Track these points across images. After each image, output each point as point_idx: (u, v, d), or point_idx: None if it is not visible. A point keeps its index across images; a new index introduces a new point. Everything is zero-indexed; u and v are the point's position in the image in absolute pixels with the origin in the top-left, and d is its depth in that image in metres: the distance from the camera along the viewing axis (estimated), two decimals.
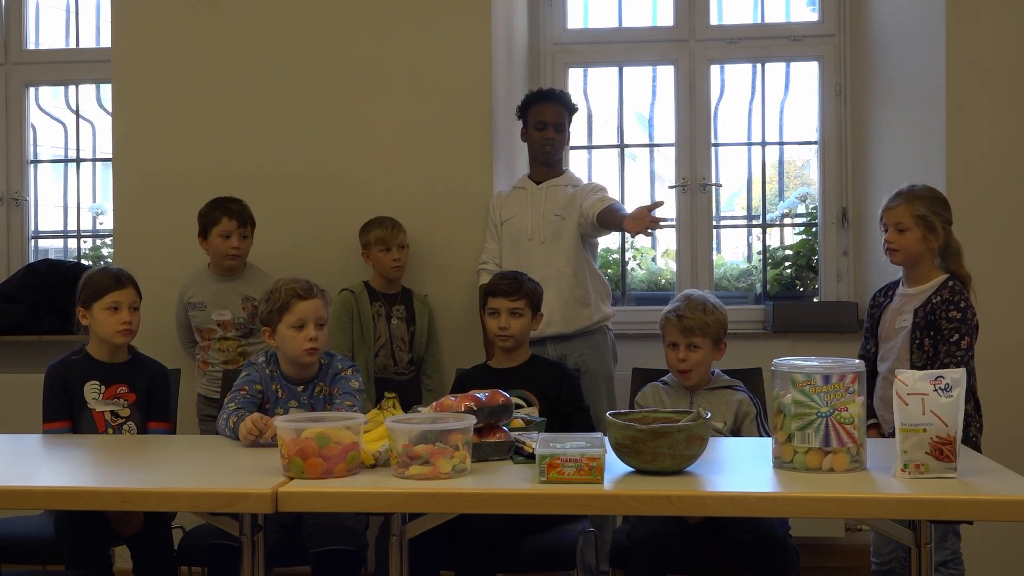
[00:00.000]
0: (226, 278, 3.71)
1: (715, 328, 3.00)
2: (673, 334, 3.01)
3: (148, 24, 4.08)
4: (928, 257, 2.98)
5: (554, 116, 3.76)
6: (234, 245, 3.64)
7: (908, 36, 4.04)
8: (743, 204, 4.77)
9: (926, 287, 2.96)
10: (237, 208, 3.66)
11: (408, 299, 3.81)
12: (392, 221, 3.75)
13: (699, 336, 2.98)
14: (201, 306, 3.69)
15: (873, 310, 3.11)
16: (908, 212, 2.95)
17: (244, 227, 3.66)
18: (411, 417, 2.37)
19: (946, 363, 2.81)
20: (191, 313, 3.72)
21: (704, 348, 2.99)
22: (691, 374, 3.00)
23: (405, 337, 3.75)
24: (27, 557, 2.99)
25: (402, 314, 3.76)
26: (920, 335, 2.90)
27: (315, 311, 2.84)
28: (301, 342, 2.81)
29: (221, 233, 3.63)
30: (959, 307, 2.87)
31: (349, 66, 3.99)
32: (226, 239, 3.63)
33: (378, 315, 3.73)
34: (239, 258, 3.68)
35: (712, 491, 2.10)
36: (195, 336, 3.74)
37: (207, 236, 3.66)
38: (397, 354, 3.73)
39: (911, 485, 2.07)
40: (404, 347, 3.75)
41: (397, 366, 3.73)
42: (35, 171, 4.83)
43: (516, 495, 2.11)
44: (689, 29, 4.45)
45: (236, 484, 2.20)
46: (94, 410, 2.96)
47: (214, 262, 3.72)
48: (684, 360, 2.99)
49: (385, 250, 3.72)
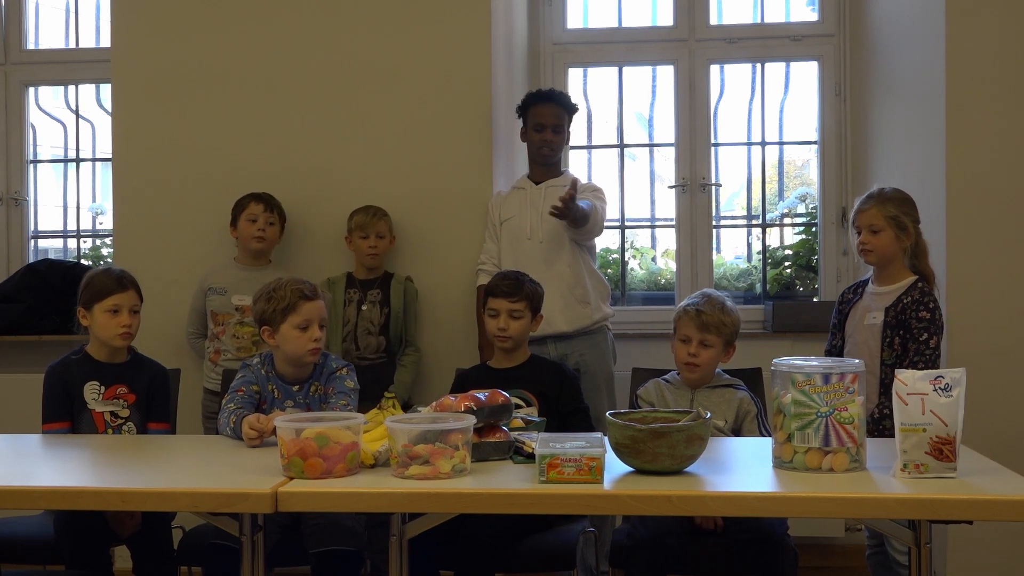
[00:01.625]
0: (251, 267, 3.77)
1: (730, 329, 3.01)
2: (688, 328, 3.01)
3: (148, 24, 4.07)
4: (899, 257, 3.08)
5: (552, 118, 3.76)
6: (260, 227, 3.74)
7: (908, 36, 4.04)
8: (743, 204, 4.77)
9: (896, 287, 3.06)
10: (266, 196, 3.79)
11: (386, 283, 3.80)
12: (375, 209, 3.78)
13: (714, 334, 2.98)
14: (221, 291, 3.74)
15: (842, 306, 3.20)
16: (880, 214, 3.05)
17: (271, 212, 3.77)
18: (411, 417, 2.37)
19: (915, 361, 2.93)
20: (210, 298, 3.75)
21: (715, 347, 3.00)
22: (696, 370, 3.00)
23: (377, 320, 3.73)
24: (27, 557, 2.99)
25: (376, 298, 3.75)
26: (891, 333, 3.00)
27: (319, 312, 2.86)
28: (306, 343, 2.82)
29: (248, 217, 3.75)
30: (928, 307, 2.99)
31: (349, 66, 3.99)
32: (253, 222, 3.75)
33: (349, 301, 3.74)
34: (264, 241, 3.76)
35: (712, 491, 2.09)
36: (209, 323, 3.75)
37: (236, 224, 3.77)
38: (361, 339, 3.71)
39: (911, 485, 2.07)
40: (374, 330, 3.72)
41: (360, 351, 3.70)
42: (35, 171, 4.83)
43: (516, 495, 2.11)
44: (689, 29, 4.45)
45: (236, 484, 2.19)
46: (94, 411, 2.96)
47: (241, 248, 3.81)
48: (695, 355, 2.99)
49: (363, 236, 3.74)
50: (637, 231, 4.73)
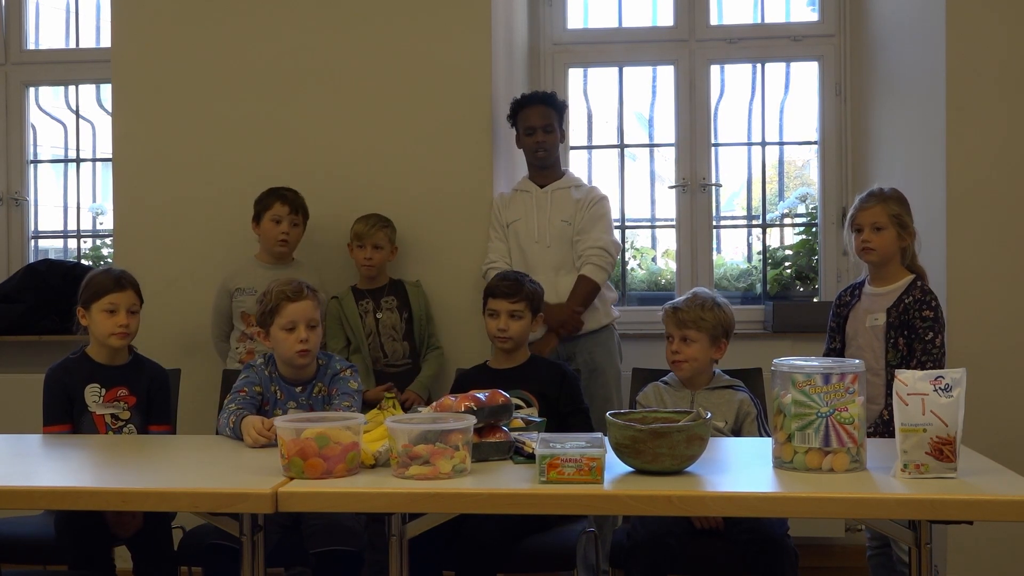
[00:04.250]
0: (275, 266, 3.73)
1: (711, 324, 2.99)
2: (668, 326, 3.03)
3: (148, 24, 4.07)
4: (897, 257, 3.08)
5: (540, 118, 3.75)
6: (284, 231, 3.69)
7: (908, 36, 4.04)
8: (743, 204, 4.77)
9: (895, 287, 3.05)
10: (291, 196, 3.73)
11: (398, 288, 3.78)
12: (375, 218, 3.73)
13: (692, 329, 2.98)
14: (251, 291, 3.67)
15: (840, 308, 3.18)
16: (884, 212, 3.05)
17: (295, 214, 3.72)
18: (411, 417, 2.37)
19: (923, 360, 2.92)
20: (238, 299, 3.71)
21: (699, 343, 2.99)
22: (683, 367, 3.00)
23: (398, 326, 3.72)
24: (27, 557, 2.99)
25: (392, 304, 3.73)
26: (894, 334, 2.99)
27: (305, 312, 2.82)
28: (293, 344, 2.81)
29: (273, 218, 3.69)
30: (931, 306, 2.98)
31: (349, 66, 3.98)
32: (277, 224, 3.69)
33: (365, 312, 3.72)
34: (288, 244, 3.73)
35: (712, 491, 2.09)
36: (239, 324, 3.72)
37: (260, 222, 3.72)
38: (387, 344, 3.70)
39: (911, 485, 2.07)
40: (397, 336, 3.71)
41: (388, 357, 3.70)
42: (35, 171, 4.83)
43: (516, 495, 2.11)
44: (689, 29, 4.45)
45: (236, 484, 2.20)
46: (95, 413, 2.96)
47: (264, 248, 3.76)
48: (677, 352, 2.99)
49: (360, 246, 3.72)
50: (637, 231, 4.73)
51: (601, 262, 3.68)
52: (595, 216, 3.75)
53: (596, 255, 3.68)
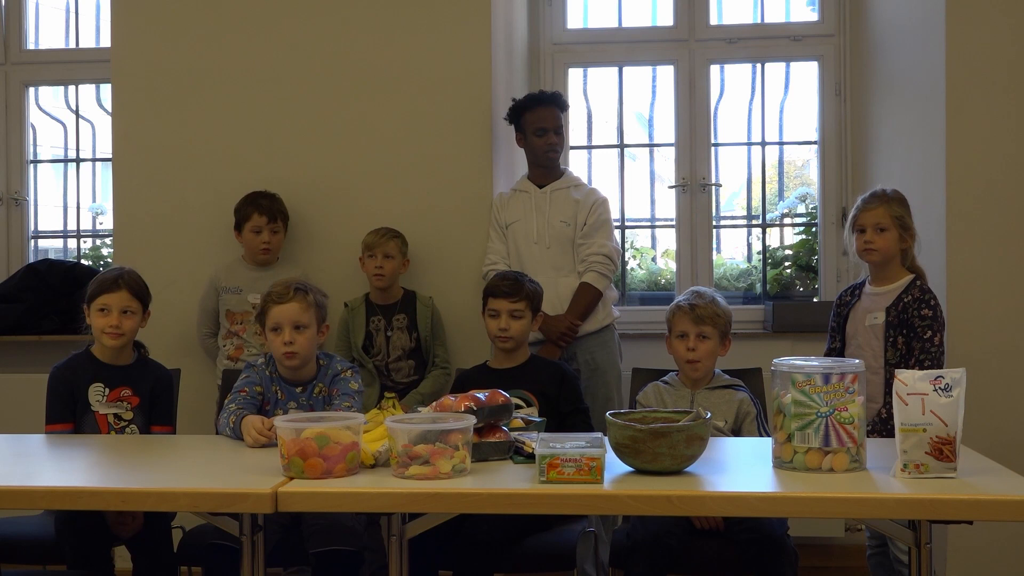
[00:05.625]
0: (261, 268, 3.79)
1: (724, 320, 3.03)
2: (684, 323, 3.01)
3: (148, 24, 4.07)
4: (898, 257, 3.10)
5: (552, 120, 3.77)
6: (265, 240, 3.75)
7: (908, 36, 4.04)
8: (743, 204, 4.77)
9: (894, 286, 3.07)
10: (267, 204, 3.76)
11: (409, 305, 3.75)
12: (385, 230, 3.72)
13: (709, 326, 2.99)
14: (236, 290, 3.76)
15: (840, 308, 3.20)
16: (887, 213, 3.07)
17: (274, 222, 3.77)
18: (411, 417, 2.37)
19: (921, 359, 2.94)
20: (224, 297, 3.76)
21: (713, 340, 3.00)
22: (699, 365, 3.00)
23: (406, 346, 3.70)
24: (27, 557, 2.99)
25: (403, 323, 3.72)
26: (893, 333, 3.01)
27: (290, 315, 2.81)
28: (279, 346, 2.82)
29: (252, 228, 3.76)
30: (930, 305, 3.00)
31: (349, 66, 3.98)
32: (257, 234, 3.75)
33: (376, 330, 3.70)
34: (270, 251, 3.78)
35: (712, 491, 2.10)
36: (225, 321, 3.76)
37: (241, 230, 3.78)
38: (392, 365, 3.70)
39: (911, 485, 2.07)
40: (403, 356, 3.71)
41: (393, 376, 3.70)
42: (35, 171, 4.83)
43: (516, 495, 2.12)
44: (689, 29, 4.45)
45: (236, 484, 2.20)
46: (97, 413, 2.96)
47: (248, 255, 3.82)
48: (693, 349, 2.99)
49: (370, 256, 3.71)
50: (637, 231, 4.73)
51: (605, 270, 3.69)
52: (599, 222, 3.76)
53: (600, 262, 3.68)
